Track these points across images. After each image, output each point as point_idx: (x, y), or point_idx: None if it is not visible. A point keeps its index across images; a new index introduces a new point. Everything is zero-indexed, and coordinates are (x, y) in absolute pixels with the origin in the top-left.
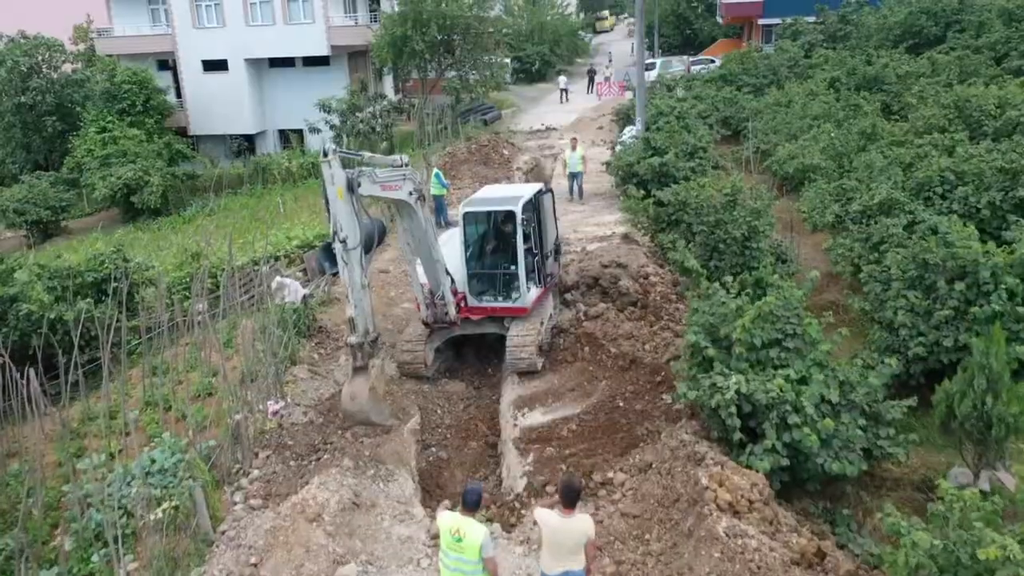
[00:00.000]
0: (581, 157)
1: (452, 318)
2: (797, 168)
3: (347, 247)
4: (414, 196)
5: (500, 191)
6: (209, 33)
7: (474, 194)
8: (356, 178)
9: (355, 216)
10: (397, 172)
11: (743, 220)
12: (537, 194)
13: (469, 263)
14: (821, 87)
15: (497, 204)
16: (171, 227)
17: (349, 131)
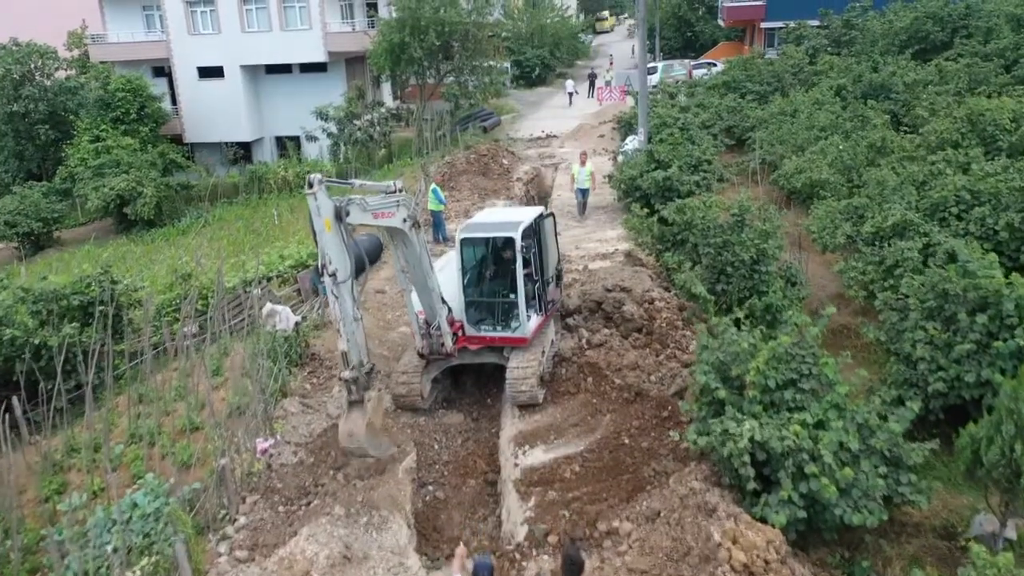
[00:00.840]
0: (590, 173)
1: (448, 349)
2: (805, 183)
3: (337, 281)
4: (408, 223)
5: (498, 215)
6: (204, 40)
7: (471, 218)
8: (345, 207)
9: (345, 247)
10: (390, 199)
11: (751, 243)
12: (538, 218)
13: (466, 291)
14: (827, 96)
15: (495, 230)
16: (164, 239)
17: (346, 139)
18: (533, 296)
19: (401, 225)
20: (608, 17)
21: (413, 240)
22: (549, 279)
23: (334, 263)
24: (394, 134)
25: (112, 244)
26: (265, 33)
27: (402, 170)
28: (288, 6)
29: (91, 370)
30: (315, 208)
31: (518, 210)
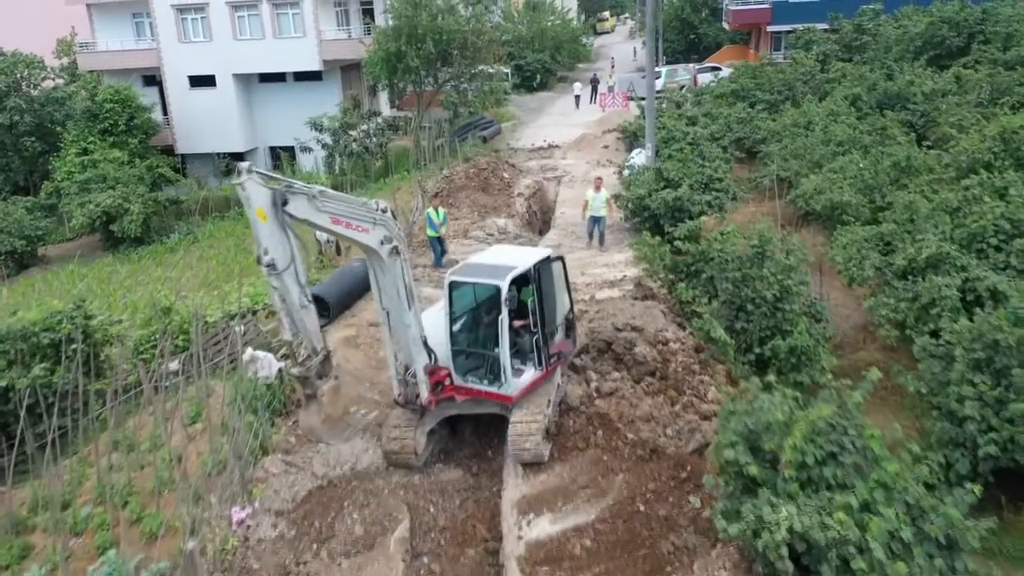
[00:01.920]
0: (606, 200)
1: (423, 401)
2: (825, 205)
3: (276, 270)
4: (386, 246)
5: (497, 257)
6: (195, 48)
7: (470, 257)
8: (283, 194)
9: (284, 235)
10: (364, 211)
11: (774, 278)
12: (539, 264)
13: (453, 337)
14: (842, 106)
15: (485, 275)
16: (152, 257)
17: (342, 151)
18: (531, 349)
19: (376, 247)
20: (609, 17)
21: (391, 268)
22: (553, 330)
23: (271, 253)
24: (392, 143)
25: (97, 264)
26: (258, 41)
27: (399, 184)
28: (281, 13)
29: (53, 417)
30: (245, 198)
31: (522, 253)
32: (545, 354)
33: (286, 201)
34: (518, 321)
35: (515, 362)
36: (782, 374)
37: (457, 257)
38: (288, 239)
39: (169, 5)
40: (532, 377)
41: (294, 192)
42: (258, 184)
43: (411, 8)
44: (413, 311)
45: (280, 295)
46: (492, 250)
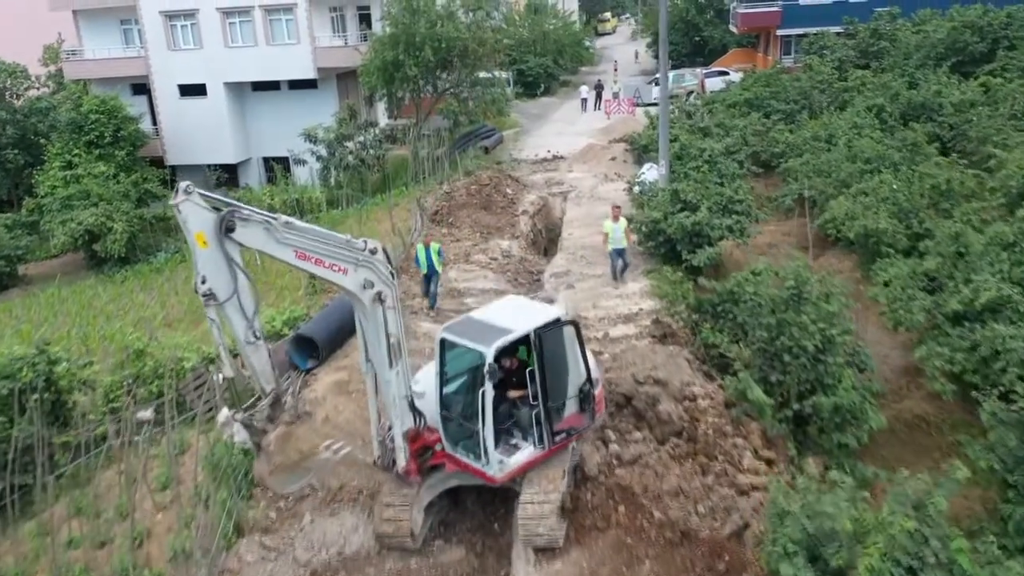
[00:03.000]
0: (625, 229)
1: (398, 469)
2: (859, 232)
3: (216, 300)
4: (369, 292)
5: (502, 314)
6: (186, 55)
7: (473, 312)
8: (229, 219)
9: (227, 264)
10: (345, 250)
11: (815, 328)
12: (544, 328)
13: (444, 400)
14: (865, 118)
15: (475, 338)
16: (137, 278)
17: (337, 164)
18: (530, 424)
19: (356, 291)
20: (609, 18)
21: (373, 316)
22: (561, 404)
23: (209, 281)
24: (391, 152)
25: (80, 285)
26: (250, 48)
27: (396, 200)
28: (274, 19)
29: (15, 473)
30: (182, 221)
31: (530, 312)
32: (547, 431)
33: (232, 228)
34: (515, 391)
35: (511, 437)
36: (823, 433)
37: (460, 285)
38: (231, 268)
39: (158, 11)
40: (529, 456)
41: (244, 219)
42: (197, 207)
43: (409, 15)
44: (397, 369)
45: (218, 328)
46: (500, 304)
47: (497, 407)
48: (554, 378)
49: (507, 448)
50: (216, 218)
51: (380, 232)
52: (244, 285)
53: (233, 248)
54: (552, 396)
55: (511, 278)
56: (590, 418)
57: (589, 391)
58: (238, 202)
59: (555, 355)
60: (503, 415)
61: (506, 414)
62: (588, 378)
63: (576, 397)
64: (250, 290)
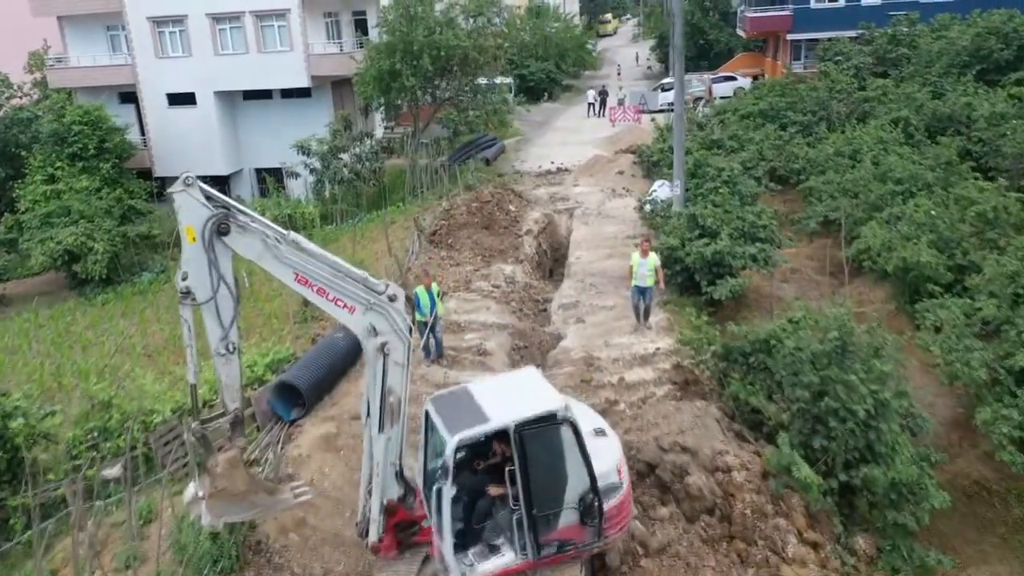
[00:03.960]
0: (654, 268)
1: (370, 543)
2: (898, 266)
3: (193, 301)
4: (373, 340)
5: (496, 394)
6: (174, 63)
7: (471, 383)
8: (222, 220)
9: (212, 269)
10: (360, 289)
11: (867, 392)
12: (529, 425)
13: (427, 477)
14: (891, 133)
15: (448, 421)
16: (119, 300)
17: (331, 177)
18: (509, 528)
19: (360, 335)
20: (610, 19)
21: (374, 366)
22: (554, 513)
23: (190, 279)
24: (388, 161)
25: (59, 309)
26: (241, 55)
27: (393, 217)
28: (266, 25)
29: None
30: (176, 209)
31: (524, 395)
32: (531, 541)
33: (225, 231)
34: (496, 489)
35: (493, 536)
36: (875, 508)
37: (461, 318)
38: (215, 274)
39: (145, 17)
40: (508, 564)
41: (241, 226)
42: (194, 200)
43: (406, 22)
44: (390, 434)
45: (190, 329)
46: (506, 379)
47: (476, 500)
48: (542, 481)
49: (484, 550)
50: (208, 216)
51: (375, 252)
52: (227, 292)
53: (224, 252)
54: (538, 503)
55: (515, 308)
56: (594, 535)
57: (596, 501)
58: (245, 207)
59: (543, 455)
60: (482, 511)
61: (485, 511)
62: (593, 486)
63: (576, 506)
64: (231, 298)
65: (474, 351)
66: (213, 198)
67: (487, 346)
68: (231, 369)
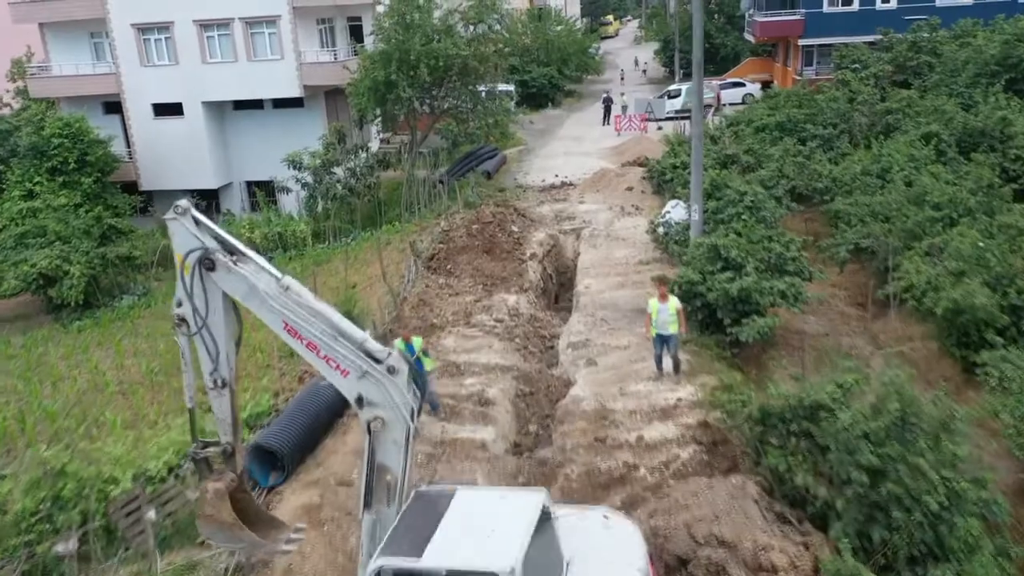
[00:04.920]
0: (675, 312)
1: None
2: (948, 308)
3: (187, 331)
4: (366, 412)
5: (459, 516)
6: (160, 72)
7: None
8: (208, 259)
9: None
10: (355, 355)
11: (939, 481)
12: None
13: None
14: (922, 149)
15: (393, 536)
16: (97, 328)
17: (323, 193)
18: None
19: (353, 402)
20: (612, 21)
21: (364, 437)
22: None
23: (184, 307)
24: (384, 174)
25: (33, 335)
26: (229, 64)
27: (388, 237)
28: (256, 32)
29: None
30: (171, 234)
31: (492, 530)
32: None
33: (210, 267)
34: None
35: None
36: None
37: (460, 358)
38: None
39: (129, 24)
40: None
41: (226, 267)
42: (185, 230)
43: (402, 30)
44: (380, 514)
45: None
46: (500, 500)
47: None
48: None
49: None
50: (192, 249)
51: (368, 276)
52: (221, 325)
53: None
54: None
55: (520, 346)
56: None
57: None
58: (237, 241)
59: None
60: None
61: None
62: None
63: None
64: (226, 330)
65: (475, 400)
66: (205, 227)
67: (489, 393)
68: (222, 403)
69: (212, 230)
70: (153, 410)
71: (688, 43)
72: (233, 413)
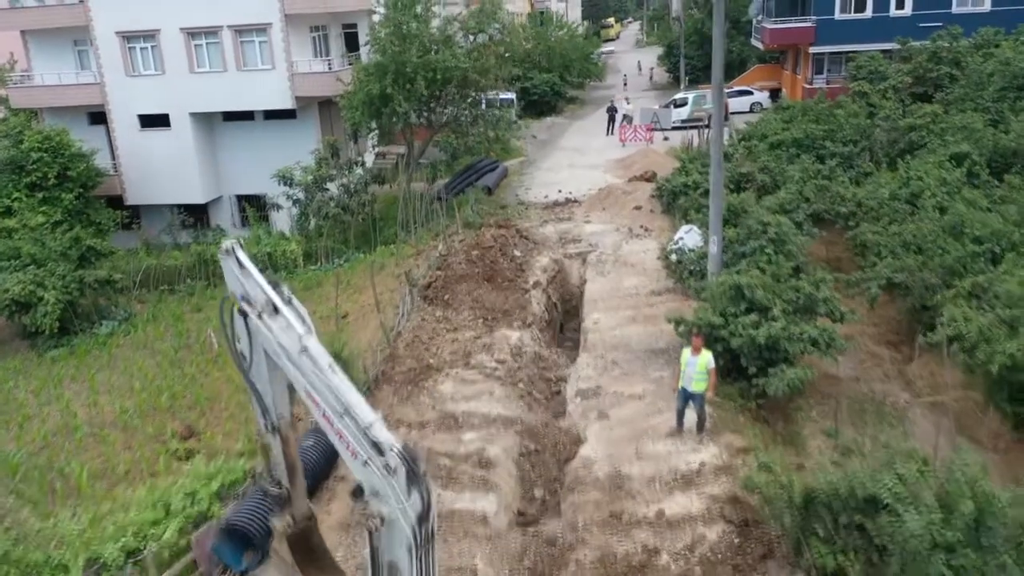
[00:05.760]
0: (705, 370)
1: None
2: (1004, 364)
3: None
4: (367, 504)
5: None
6: (146, 82)
7: None
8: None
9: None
10: (356, 436)
11: None
12: None
13: None
14: (954, 173)
15: None
16: (73, 357)
17: (315, 211)
18: None
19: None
20: (613, 24)
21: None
22: None
23: (240, 344)
24: (381, 185)
25: (4, 365)
26: (218, 74)
27: (382, 261)
28: (245, 41)
29: None
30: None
31: None
32: None
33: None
34: None
35: None
36: None
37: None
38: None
39: (114, 32)
40: None
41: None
42: (230, 272)
43: (398, 40)
44: None
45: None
46: None
47: None
48: None
49: None
50: (238, 301)
51: (361, 305)
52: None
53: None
54: None
55: (524, 391)
56: None
57: None
58: (273, 292)
59: None
60: None
61: None
62: None
63: None
64: (270, 376)
65: (474, 461)
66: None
67: (490, 453)
68: (276, 449)
69: (253, 276)
70: (124, 459)
71: (693, 48)
72: (287, 459)
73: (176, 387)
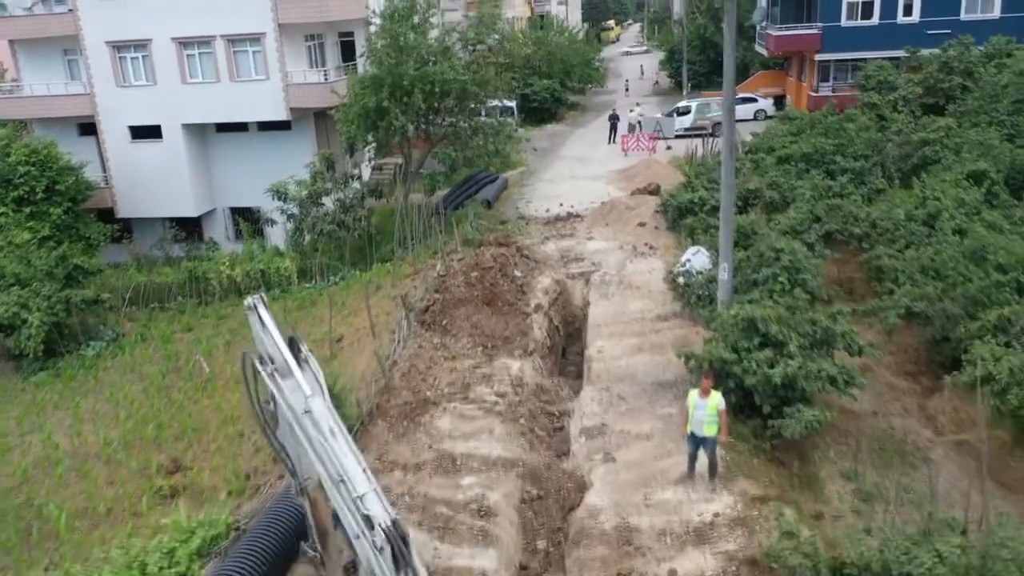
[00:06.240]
0: (716, 412)
1: None
2: None
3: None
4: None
5: None
6: (137, 92)
7: None
8: (256, 368)
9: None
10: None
11: None
12: None
13: None
14: (972, 192)
15: None
16: (59, 381)
17: (310, 227)
18: None
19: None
20: (613, 26)
21: None
22: None
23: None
24: (377, 202)
25: None
26: (211, 85)
27: (379, 283)
28: (239, 51)
29: None
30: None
31: None
32: None
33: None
34: None
35: None
36: None
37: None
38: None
39: (104, 42)
40: None
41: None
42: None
43: (395, 52)
44: None
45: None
46: None
47: None
48: None
49: None
50: (259, 364)
51: (356, 328)
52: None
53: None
54: None
55: (525, 428)
56: None
57: None
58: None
59: None
60: None
61: None
62: None
63: None
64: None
65: (473, 510)
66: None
67: (490, 500)
68: (306, 511)
69: (272, 335)
70: (107, 496)
71: (695, 53)
72: (318, 523)
73: (163, 416)
